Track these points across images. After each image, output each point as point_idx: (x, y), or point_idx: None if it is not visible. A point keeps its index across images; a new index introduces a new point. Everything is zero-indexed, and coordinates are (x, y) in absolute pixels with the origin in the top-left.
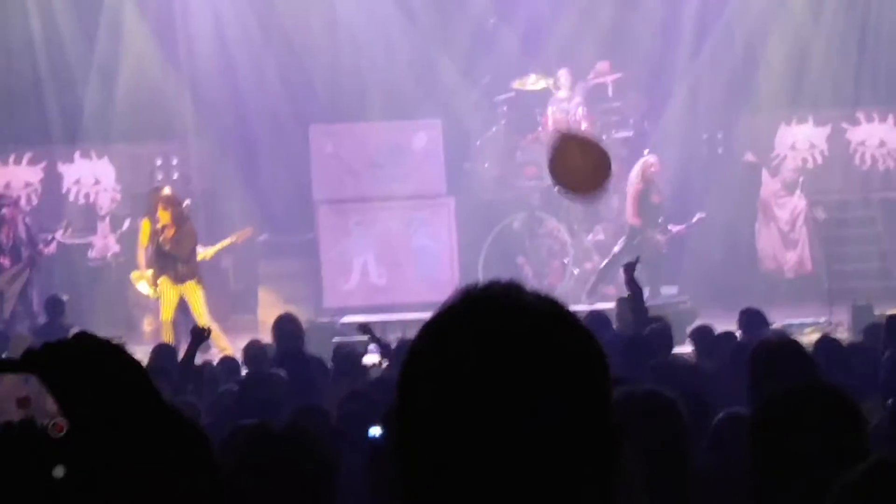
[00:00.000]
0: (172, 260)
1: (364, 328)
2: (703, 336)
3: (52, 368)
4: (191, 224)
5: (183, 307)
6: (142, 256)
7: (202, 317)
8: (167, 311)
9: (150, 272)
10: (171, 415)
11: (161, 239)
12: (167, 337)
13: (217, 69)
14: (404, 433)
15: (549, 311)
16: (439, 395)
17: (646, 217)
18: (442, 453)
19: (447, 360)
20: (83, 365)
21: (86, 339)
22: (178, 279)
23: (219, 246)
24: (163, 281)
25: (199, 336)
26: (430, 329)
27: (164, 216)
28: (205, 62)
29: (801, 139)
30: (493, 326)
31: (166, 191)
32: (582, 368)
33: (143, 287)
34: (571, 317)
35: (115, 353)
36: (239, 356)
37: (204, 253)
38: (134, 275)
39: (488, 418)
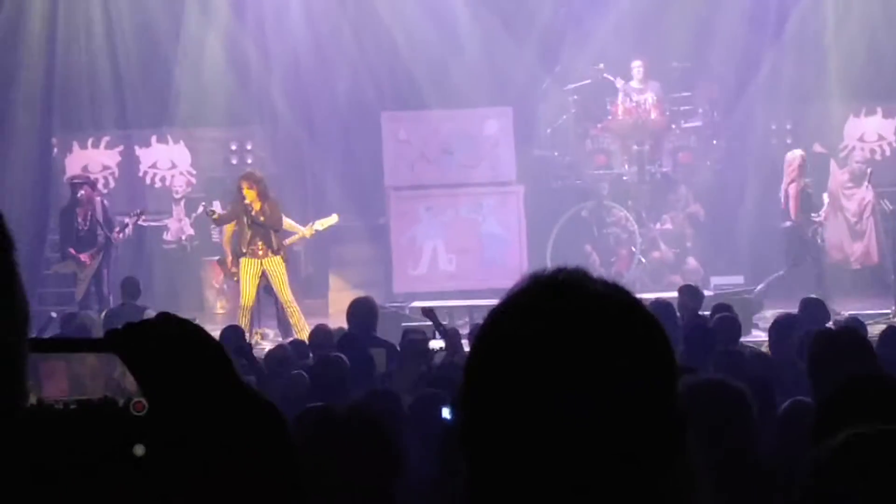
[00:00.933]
0: (267, 231)
1: (427, 312)
2: (778, 324)
3: (134, 348)
4: (274, 197)
5: (262, 289)
6: (228, 244)
7: (284, 292)
8: (249, 296)
9: (229, 258)
10: (249, 395)
11: (254, 212)
12: (244, 321)
13: (292, 55)
14: (471, 417)
15: (615, 297)
16: (505, 379)
17: (805, 213)
18: (506, 437)
19: (513, 345)
20: (164, 345)
21: (167, 320)
22: (272, 251)
23: (299, 234)
24: (244, 262)
25: None
26: (497, 314)
27: (249, 194)
28: (280, 49)
29: (870, 131)
30: (560, 312)
31: (247, 171)
32: (648, 355)
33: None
34: (638, 303)
35: (195, 334)
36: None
37: (290, 239)
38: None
39: (553, 403)
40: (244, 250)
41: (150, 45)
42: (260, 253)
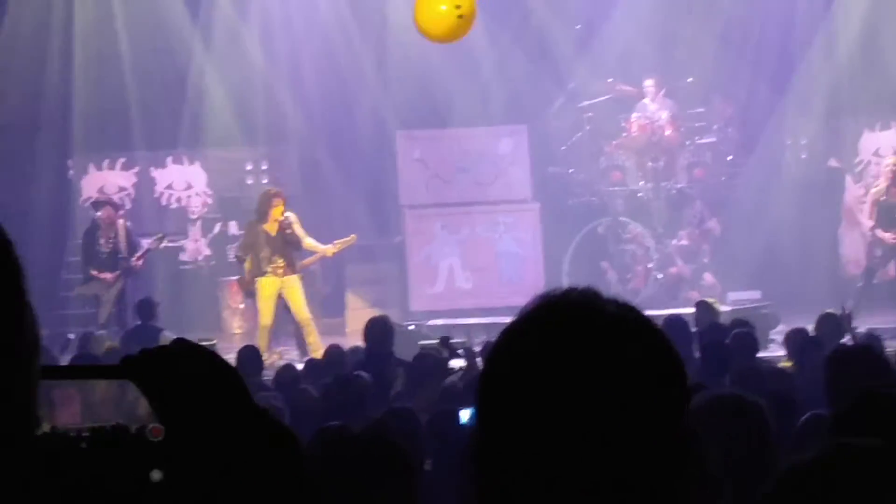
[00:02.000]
0: (289, 249)
1: (444, 342)
2: (794, 339)
3: (150, 375)
4: (294, 216)
5: (279, 309)
6: (250, 265)
7: (302, 311)
8: (267, 316)
9: (249, 276)
10: (263, 419)
11: (288, 231)
12: (263, 342)
13: (307, 76)
14: (483, 434)
15: (626, 316)
16: (516, 399)
17: (881, 219)
18: (518, 454)
19: (524, 366)
20: (179, 371)
21: (182, 346)
22: (292, 269)
23: (320, 253)
24: (264, 282)
25: None
26: (509, 334)
27: (277, 211)
28: (295, 69)
29: (885, 145)
30: (571, 332)
31: (273, 188)
32: (658, 374)
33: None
34: (648, 323)
35: (211, 359)
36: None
37: (310, 259)
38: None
39: (562, 423)
40: (266, 269)
41: (165, 66)
42: (280, 271)
